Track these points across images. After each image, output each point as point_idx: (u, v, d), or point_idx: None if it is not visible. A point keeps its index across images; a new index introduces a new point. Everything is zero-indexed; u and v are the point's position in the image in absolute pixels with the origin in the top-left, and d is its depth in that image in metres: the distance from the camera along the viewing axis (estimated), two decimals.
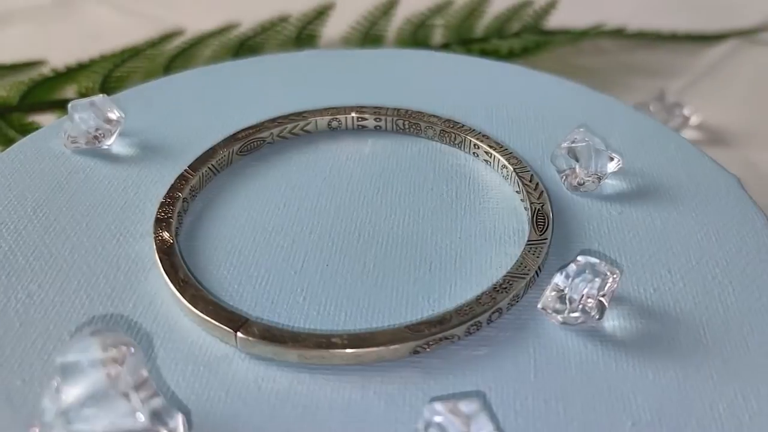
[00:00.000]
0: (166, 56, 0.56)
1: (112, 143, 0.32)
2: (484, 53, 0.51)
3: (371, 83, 0.36)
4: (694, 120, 0.46)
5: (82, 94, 0.51)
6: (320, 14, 0.61)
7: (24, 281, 0.26)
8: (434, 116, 0.32)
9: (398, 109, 0.33)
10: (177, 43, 0.58)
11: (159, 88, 0.36)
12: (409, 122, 0.32)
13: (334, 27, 0.60)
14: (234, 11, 0.63)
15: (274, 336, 0.23)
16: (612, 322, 0.24)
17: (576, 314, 0.23)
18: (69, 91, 0.52)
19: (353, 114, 0.33)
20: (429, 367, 0.23)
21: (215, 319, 0.24)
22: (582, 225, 0.28)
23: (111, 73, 0.53)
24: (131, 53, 0.56)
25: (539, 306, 0.24)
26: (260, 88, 0.36)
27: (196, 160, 0.30)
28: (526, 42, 0.53)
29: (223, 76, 0.37)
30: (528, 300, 0.25)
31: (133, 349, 0.20)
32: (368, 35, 0.59)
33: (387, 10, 0.60)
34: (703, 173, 0.30)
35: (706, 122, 0.46)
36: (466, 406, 0.20)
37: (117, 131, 0.32)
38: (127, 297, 0.26)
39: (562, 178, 0.29)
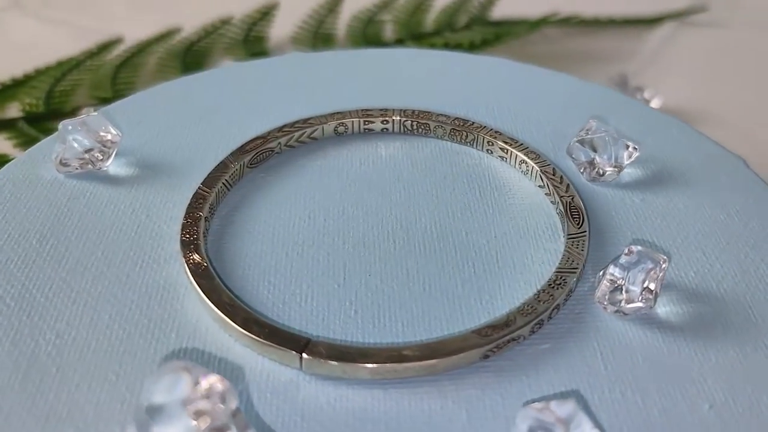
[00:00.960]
0: (110, 66, 0.53)
1: (110, 164, 0.30)
2: (447, 47, 0.51)
3: (364, 85, 0.36)
4: (655, 103, 0.47)
5: (28, 112, 0.48)
6: (265, 15, 0.59)
7: (49, 320, 0.24)
8: (443, 115, 0.32)
9: (404, 110, 0.32)
10: (117, 52, 0.55)
11: (146, 100, 0.34)
12: (417, 123, 0.32)
13: (281, 27, 0.58)
14: (169, 16, 0.61)
15: (342, 354, 0.22)
16: (664, 308, 0.25)
17: (637, 304, 0.24)
18: (11, 109, 0.49)
19: (360, 118, 0.32)
20: (500, 369, 0.23)
21: (276, 343, 0.23)
22: (609, 215, 0.28)
23: (53, 88, 0.50)
24: (70, 66, 0.53)
25: (595, 298, 0.25)
26: (250, 94, 0.35)
27: (209, 176, 0.29)
28: (484, 34, 0.53)
29: (211, 84, 0.36)
30: (578, 293, 0.25)
31: (228, 383, 0.19)
32: (317, 34, 0.58)
33: (333, 8, 0.60)
34: (709, 155, 0.31)
35: (665, 105, 0.48)
36: (563, 408, 0.20)
37: (114, 151, 0.30)
38: (167, 327, 0.24)
39: (580, 169, 0.30)
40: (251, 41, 0.57)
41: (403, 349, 0.23)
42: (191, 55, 0.55)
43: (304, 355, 0.22)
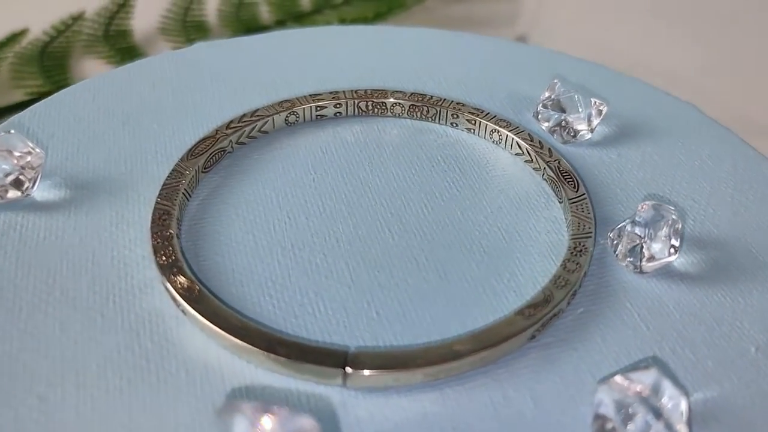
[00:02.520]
0: None
1: (35, 189, 0.26)
2: (344, 24, 0.49)
3: (295, 70, 0.33)
4: None
5: None
6: (122, 7, 0.54)
7: (24, 383, 0.20)
8: (398, 92, 0.30)
9: (356, 91, 0.30)
10: None
11: (49, 111, 0.30)
12: (372, 103, 0.30)
13: (144, 19, 0.53)
14: (7, 18, 0.54)
15: (389, 361, 0.20)
16: (679, 260, 0.25)
17: (666, 259, 0.23)
18: None
19: (310, 104, 0.29)
20: (548, 348, 0.22)
21: (311, 361, 0.20)
22: (593, 173, 0.28)
23: None
24: None
25: (618, 259, 0.24)
26: (171, 93, 0.31)
27: (165, 186, 0.25)
28: (378, 8, 0.51)
29: (120, 86, 0.31)
30: (594, 256, 0.25)
31: (312, 419, 0.16)
32: (186, 23, 0.53)
33: None
34: (663, 106, 0.32)
35: None
36: (646, 377, 0.19)
37: (40, 174, 0.26)
38: (171, 366, 0.21)
39: (553, 132, 0.29)
40: (114, 36, 0.52)
41: (454, 345, 0.21)
42: (49, 57, 0.49)
43: (348, 369, 0.20)
